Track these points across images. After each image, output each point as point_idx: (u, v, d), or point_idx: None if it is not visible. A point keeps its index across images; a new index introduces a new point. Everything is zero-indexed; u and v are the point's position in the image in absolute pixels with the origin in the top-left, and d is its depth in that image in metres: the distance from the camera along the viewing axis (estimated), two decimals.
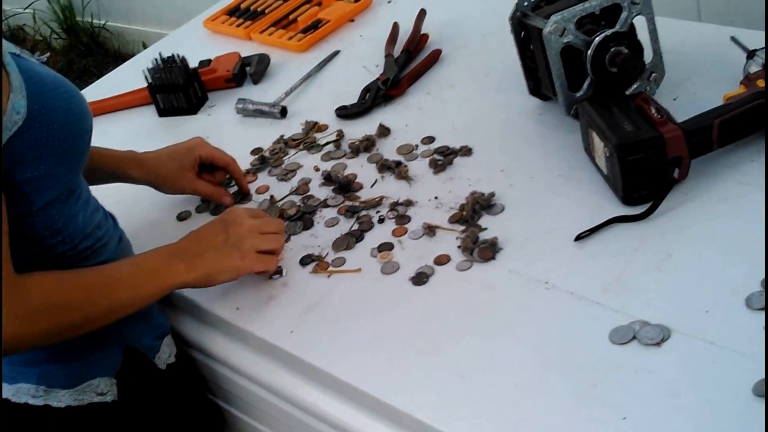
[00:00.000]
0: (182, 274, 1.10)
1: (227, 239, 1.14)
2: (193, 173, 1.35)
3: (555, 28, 1.19)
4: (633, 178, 1.10)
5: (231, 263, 1.13)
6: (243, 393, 1.21)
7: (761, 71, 1.15)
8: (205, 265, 1.12)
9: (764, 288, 0.94)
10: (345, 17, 1.77)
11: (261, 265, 1.16)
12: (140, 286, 1.08)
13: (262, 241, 1.16)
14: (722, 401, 0.86)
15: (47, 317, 1.00)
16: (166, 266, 1.10)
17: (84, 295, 1.03)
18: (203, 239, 1.14)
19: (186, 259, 1.11)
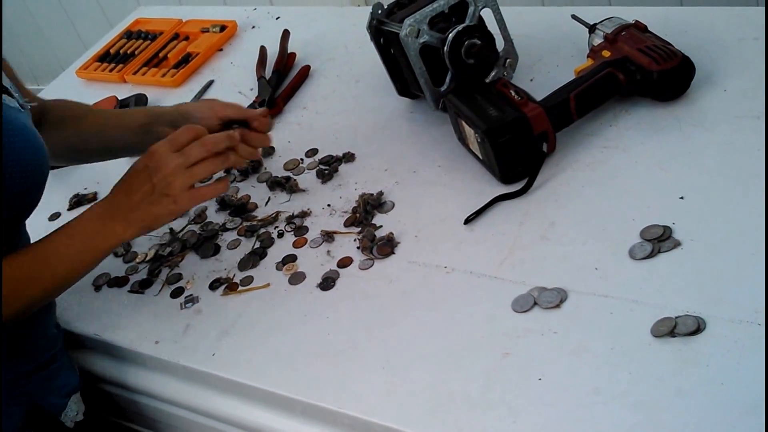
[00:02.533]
0: (119, 233, 1.04)
1: (154, 186, 1.04)
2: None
3: (410, 31, 1.18)
4: (506, 158, 1.10)
5: (165, 209, 1.05)
6: (177, 421, 1.16)
7: (604, 43, 1.17)
8: (140, 217, 1.04)
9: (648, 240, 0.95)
10: (213, 47, 1.73)
11: (196, 201, 1.09)
12: (78, 257, 1.02)
13: (191, 176, 1.06)
14: (625, 347, 0.87)
15: None
16: (101, 230, 1.03)
17: (20, 282, 0.98)
18: (132, 190, 1.05)
19: (120, 218, 1.04)
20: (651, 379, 0.83)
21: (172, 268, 1.22)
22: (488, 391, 0.89)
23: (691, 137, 1.06)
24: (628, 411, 0.81)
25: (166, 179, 1.04)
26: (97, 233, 1.03)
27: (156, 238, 1.30)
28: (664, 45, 1.12)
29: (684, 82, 1.11)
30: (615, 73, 1.13)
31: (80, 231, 1.04)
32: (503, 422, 0.85)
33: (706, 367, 0.82)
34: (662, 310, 0.88)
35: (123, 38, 1.89)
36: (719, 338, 0.84)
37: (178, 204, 1.06)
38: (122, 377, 1.18)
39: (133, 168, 1.07)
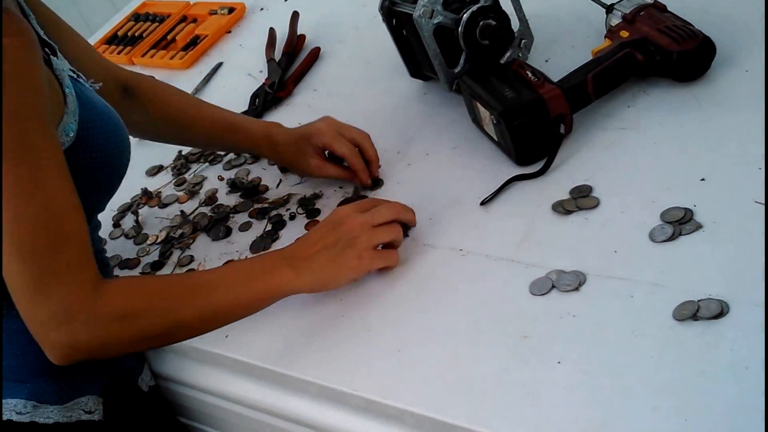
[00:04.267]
0: (290, 280, 0.97)
1: (339, 239, 0.99)
2: (318, 158, 1.19)
3: (424, 11, 1.16)
4: (523, 139, 1.09)
5: (347, 265, 0.99)
6: (188, 401, 1.16)
7: (622, 23, 1.15)
8: (317, 269, 0.98)
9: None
10: (222, 30, 1.71)
11: (381, 261, 1.02)
12: (240, 289, 0.95)
13: (377, 235, 1.00)
14: (646, 330, 0.85)
15: (125, 324, 0.89)
16: (271, 270, 0.97)
17: (171, 300, 0.92)
18: (312, 243, 0.99)
19: (294, 264, 0.97)
20: (673, 362, 0.81)
21: (183, 250, 1.21)
22: (506, 374, 0.87)
23: (711, 118, 1.04)
24: (649, 395, 0.80)
25: (351, 233, 0.99)
26: (265, 274, 0.97)
27: (167, 220, 1.29)
28: (684, 25, 1.10)
29: (704, 63, 1.09)
30: (634, 53, 1.11)
31: (249, 267, 0.99)
32: (521, 405, 0.84)
33: (731, 351, 0.80)
34: (684, 293, 0.86)
35: (131, 20, 1.87)
36: (743, 322, 0.82)
37: (362, 260, 0.99)
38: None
39: (316, 226, 1.03)
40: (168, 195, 1.34)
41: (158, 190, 1.36)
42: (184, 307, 0.93)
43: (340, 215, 1.01)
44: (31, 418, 1.01)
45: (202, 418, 1.18)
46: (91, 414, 1.06)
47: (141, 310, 0.90)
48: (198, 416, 1.19)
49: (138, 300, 0.91)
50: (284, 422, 1.03)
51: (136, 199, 1.35)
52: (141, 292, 0.92)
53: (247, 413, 1.08)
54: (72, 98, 0.95)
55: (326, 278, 0.99)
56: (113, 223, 1.33)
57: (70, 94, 0.95)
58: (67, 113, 0.94)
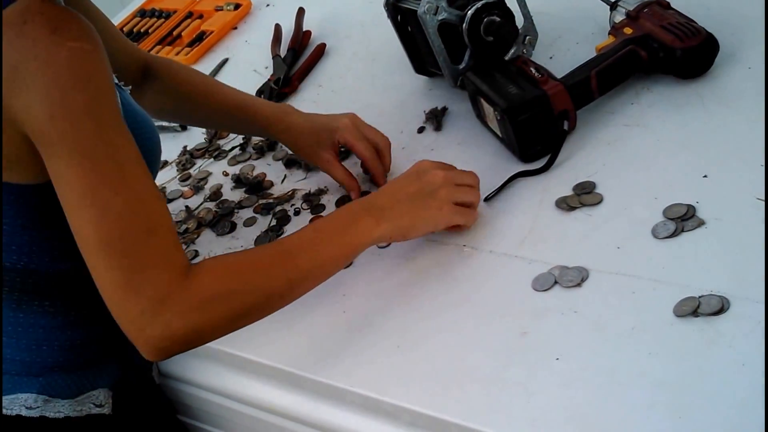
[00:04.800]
0: (371, 229, 0.96)
1: (421, 189, 0.99)
2: (331, 153, 1.19)
3: (429, 8, 1.17)
4: (526, 136, 1.09)
5: (427, 214, 0.99)
6: (189, 399, 1.16)
7: (626, 20, 1.16)
8: (397, 216, 0.97)
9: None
10: (227, 26, 1.71)
11: (460, 218, 1.01)
12: (321, 250, 0.94)
13: (459, 191, 1.01)
14: (647, 326, 0.85)
15: (219, 305, 0.89)
16: (350, 224, 0.96)
17: (261, 273, 0.92)
18: (394, 191, 0.99)
19: (374, 213, 0.97)
20: (672, 358, 0.82)
21: (188, 245, 1.22)
22: (504, 370, 0.88)
23: (714, 115, 1.04)
24: (646, 391, 0.80)
25: (434, 183, 0.99)
26: (347, 227, 0.96)
27: (172, 215, 1.29)
28: (688, 22, 1.11)
29: (707, 60, 1.09)
30: (637, 50, 1.11)
31: (329, 224, 0.99)
32: (518, 402, 0.84)
33: (729, 348, 0.80)
34: (685, 289, 0.86)
35: (136, 17, 1.88)
36: (743, 318, 0.82)
37: (442, 211, 0.99)
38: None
39: (399, 175, 1.03)
40: (173, 190, 1.35)
41: (163, 186, 1.37)
42: (273, 278, 0.92)
43: (424, 166, 1.02)
44: (41, 413, 1.02)
45: (199, 415, 1.19)
46: (101, 407, 1.06)
47: (232, 290, 0.90)
48: (196, 413, 1.19)
49: (227, 280, 0.90)
50: (281, 419, 1.04)
51: None
52: (229, 271, 0.91)
53: (244, 410, 1.08)
54: (119, 107, 0.96)
55: (406, 226, 0.99)
56: None
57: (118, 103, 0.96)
58: None
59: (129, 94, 1.08)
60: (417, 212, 0.99)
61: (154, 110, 1.29)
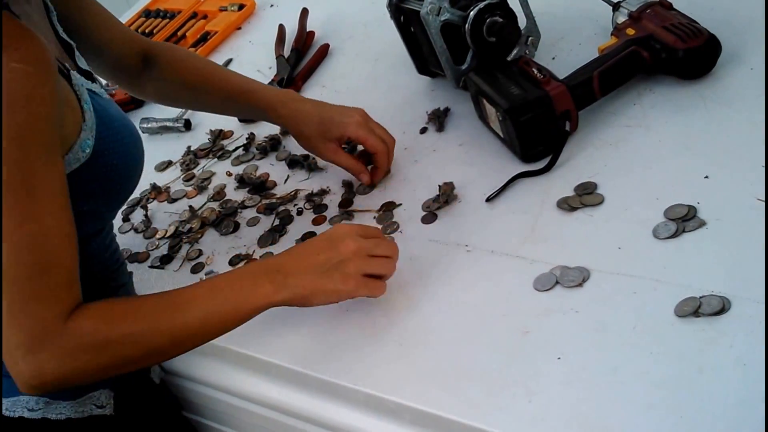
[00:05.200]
0: (269, 295, 0.93)
1: (329, 258, 0.95)
2: (336, 145, 1.18)
3: (431, 8, 1.17)
4: (528, 136, 1.09)
5: (330, 286, 0.95)
6: (194, 396, 1.17)
7: (628, 21, 1.16)
8: (298, 284, 0.94)
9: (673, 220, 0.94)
10: (232, 26, 1.72)
11: (365, 290, 0.97)
12: (213, 309, 0.92)
13: (369, 264, 0.97)
14: (648, 326, 0.86)
15: (100, 353, 0.87)
16: (250, 288, 0.93)
17: (144, 325, 0.89)
18: (301, 256, 0.97)
19: (275, 279, 0.94)
20: (673, 358, 0.82)
21: (191, 245, 1.22)
22: (505, 369, 0.88)
23: (716, 116, 1.05)
24: (648, 390, 0.80)
25: (344, 255, 0.96)
26: (244, 290, 0.93)
27: (176, 215, 1.30)
28: (690, 23, 1.11)
29: (710, 61, 1.09)
30: (639, 51, 1.11)
31: (227, 284, 0.95)
32: (519, 401, 0.85)
33: (730, 348, 0.81)
34: (686, 289, 0.87)
35: (141, 17, 1.88)
36: (744, 318, 0.82)
37: (347, 285, 0.95)
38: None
39: (313, 238, 1.02)
40: (177, 190, 1.35)
41: (167, 186, 1.37)
42: (156, 333, 0.90)
43: (339, 233, 0.98)
44: (42, 415, 1.02)
45: (204, 411, 1.19)
46: (102, 408, 1.06)
47: (109, 340, 0.88)
48: (201, 410, 1.19)
49: (106, 329, 0.88)
50: (284, 416, 1.05)
51: (146, 194, 1.37)
52: (110, 319, 0.89)
53: (247, 407, 1.09)
54: (90, 114, 0.96)
55: (307, 296, 0.95)
56: (123, 217, 1.34)
57: (88, 110, 0.96)
58: (84, 129, 0.95)
59: (109, 98, 1.06)
60: (320, 283, 0.95)
61: (156, 97, 1.30)
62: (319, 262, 0.95)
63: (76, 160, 0.93)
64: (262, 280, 0.94)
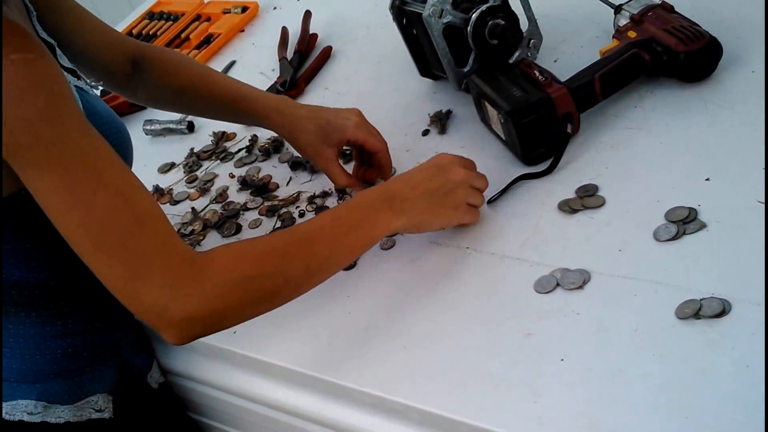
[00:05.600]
0: (389, 221, 0.97)
1: (442, 186, 1.00)
2: (333, 152, 1.17)
3: (434, 11, 1.17)
4: (529, 138, 1.09)
5: (443, 212, 1.00)
6: (198, 397, 1.17)
7: (630, 23, 1.16)
8: (416, 211, 0.98)
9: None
10: (235, 28, 1.72)
11: (470, 218, 1.04)
12: (339, 239, 0.95)
13: (473, 194, 1.03)
14: (649, 328, 0.86)
15: (237, 289, 0.88)
16: (370, 215, 0.96)
17: (278, 258, 0.91)
18: (417, 183, 1.00)
19: (394, 205, 0.97)
20: (675, 360, 0.82)
21: (193, 246, 1.23)
22: (509, 371, 0.88)
23: (717, 118, 1.05)
24: (651, 392, 0.80)
25: (455, 182, 1.01)
26: (366, 217, 0.97)
27: (178, 216, 1.30)
28: (691, 26, 1.11)
29: (711, 63, 1.10)
30: (641, 53, 1.11)
31: (348, 213, 0.98)
32: (524, 402, 0.85)
33: (732, 350, 0.81)
34: (687, 292, 0.87)
35: (145, 19, 1.89)
36: (745, 321, 0.82)
37: (457, 211, 1.01)
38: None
39: (421, 166, 1.04)
40: (179, 192, 1.36)
41: (170, 187, 1.38)
42: (291, 263, 0.92)
43: (445, 161, 1.03)
44: (42, 418, 1.02)
45: (210, 413, 1.20)
46: (101, 412, 1.07)
47: (248, 275, 0.89)
48: (206, 411, 1.20)
49: (243, 265, 0.89)
50: (291, 418, 1.05)
51: None
52: (243, 256, 0.90)
53: (254, 408, 1.09)
54: (79, 107, 0.94)
55: (423, 222, 1.00)
56: None
57: (77, 104, 0.95)
58: None
59: (95, 94, 1.05)
60: (434, 209, 1.00)
61: (149, 102, 1.29)
62: (432, 188, 1.00)
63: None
64: (382, 207, 0.97)
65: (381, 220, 0.97)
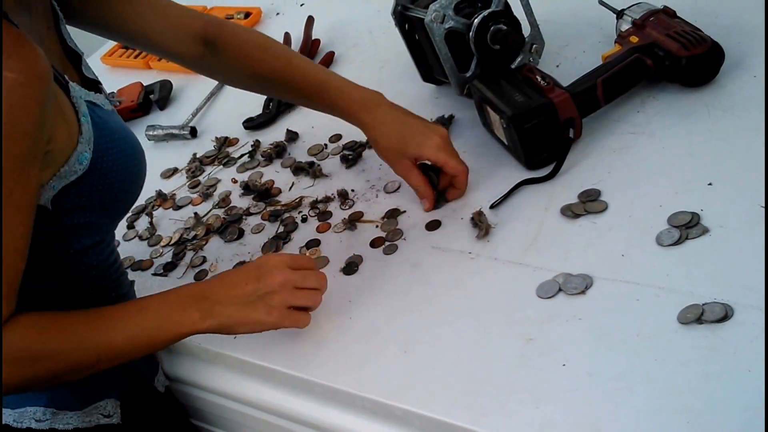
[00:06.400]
0: (195, 323, 0.95)
1: (256, 289, 0.97)
2: (411, 162, 1.13)
3: (435, 16, 1.17)
4: (532, 143, 1.09)
5: (254, 317, 0.96)
6: (199, 402, 1.17)
7: (632, 28, 1.16)
8: (224, 313, 0.95)
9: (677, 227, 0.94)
10: None
11: (289, 322, 0.99)
12: (140, 330, 0.93)
13: (295, 297, 0.98)
14: (651, 333, 0.85)
15: (21, 368, 0.87)
16: (178, 313, 0.95)
17: (72, 342, 0.90)
18: (229, 285, 0.97)
19: (203, 307, 0.95)
20: (677, 365, 0.82)
21: (196, 252, 1.23)
22: (511, 376, 0.88)
23: (719, 123, 1.05)
24: (653, 396, 0.80)
25: (270, 287, 0.97)
26: (172, 315, 0.95)
27: (181, 222, 1.30)
28: (693, 30, 1.11)
29: (713, 68, 1.10)
30: (643, 58, 1.11)
31: (155, 308, 0.95)
32: (526, 407, 0.85)
33: (734, 354, 0.81)
34: (689, 297, 0.87)
35: None
36: (747, 325, 0.82)
37: (271, 316, 0.97)
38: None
39: (243, 266, 1.03)
40: (182, 197, 1.36)
41: (172, 193, 1.38)
42: (82, 350, 0.90)
43: (269, 264, 0.99)
44: (50, 425, 1.02)
45: (212, 419, 1.19)
46: (109, 418, 1.06)
47: (37, 355, 0.88)
48: (208, 417, 1.20)
49: (35, 343, 0.88)
50: (292, 424, 1.05)
51: (151, 201, 1.37)
52: (39, 334, 0.88)
53: (256, 414, 1.09)
54: (87, 127, 0.94)
55: (232, 325, 0.97)
56: (128, 224, 1.35)
57: (85, 123, 0.94)
58: (81, 143, 0.93)
59: (112, 110, 1.04)
60: (245, 313, 0.96)
61: (229, 83, 1.28)
62: (246, 292, 0.97)
63: (72, 172, 0.92)
64: (189, 306, 0.95)
65: (187, 320, 0.94)
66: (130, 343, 0.93)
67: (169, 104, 1.62)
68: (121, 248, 1.29)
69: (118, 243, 1.29)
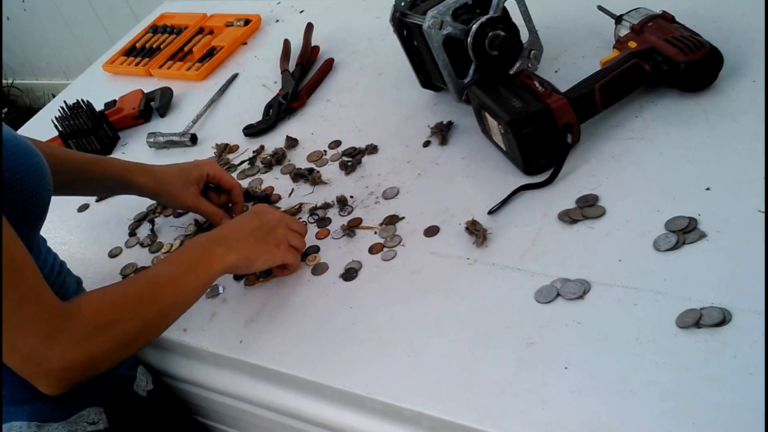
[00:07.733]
0: (222, 257, 1.04)
1: (261, 226, 1.09)
2: (197, 189, 1.26)
3: (434, 23, 1.18)
4: (530, 149, 1.09)
5: (267, 249, 1.08)
6: (205, 402, 1.18)
7: (630, 33, 1.16)
8: (243, 247, 1.06)
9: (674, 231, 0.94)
10: (238, 41, 1.73)
11: (292, 258, 1.11)
12: (182, 279, 1.01)
13: (293, 235, 1.12)
14: (650, 337, 0.85)
15: (105, 335, 0.93)
16: (203, 254, 1.04)
17: (136, 303, 0.97)
18: (238, 226, 1.09)
19: (223, 243, 1.05)
20: (678, 368, 0.82)
21: None
22: (515, 377, 0.88)
23: (717, 128, 1.05)
24: (657, 399, 0.80)
25: (273, 222, 1.10)
26: (201, 257, 1.04)
27: (181, 228, 1.30)
28: (692, 35, 1.11)
29: (711, 73, 1.10)
30: (641, 63, 1.11)
31: (183, 256, 1.05)
32: (533, 408, 0.85)
33: (734, 358, 0.80)
34: (687, 301, 0.87)
35: (149, 32, 1.90)
36: (745, 329, 0.82)
37: (279, 249, 1.09)
38: (152, 362, 1.20)
39: (240, 215, 1.14)
40: None
41: None
42: (147, 307, 0.97)
43: (261, 208, 1.14)
44: None
45: (220, 418, 1.20)
46: (95, 425, 1.07)
47: (113, 320, 0.94)
48: (216, 416, 1.21)
49: (107, 311, 0.94)
50: (303, 423, 1.05)
51: (152, 208, 1.37)
52: (107, 303, 0.95)
53: (266, 415, 1.10)
54: None
55: (249, 257, 1.06)
56: (129, 232, 1.35)
57: None
58: None
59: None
60: (259, 246, 1.08)
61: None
62: (253, 228, 1.09)
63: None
64: (212, 246, 1.05)
65: (215, 257, 1.04)
66: (179, 291, 1.01)
67: (170, 111, 1.63)
68: (124, 255, 1.30)
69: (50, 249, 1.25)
